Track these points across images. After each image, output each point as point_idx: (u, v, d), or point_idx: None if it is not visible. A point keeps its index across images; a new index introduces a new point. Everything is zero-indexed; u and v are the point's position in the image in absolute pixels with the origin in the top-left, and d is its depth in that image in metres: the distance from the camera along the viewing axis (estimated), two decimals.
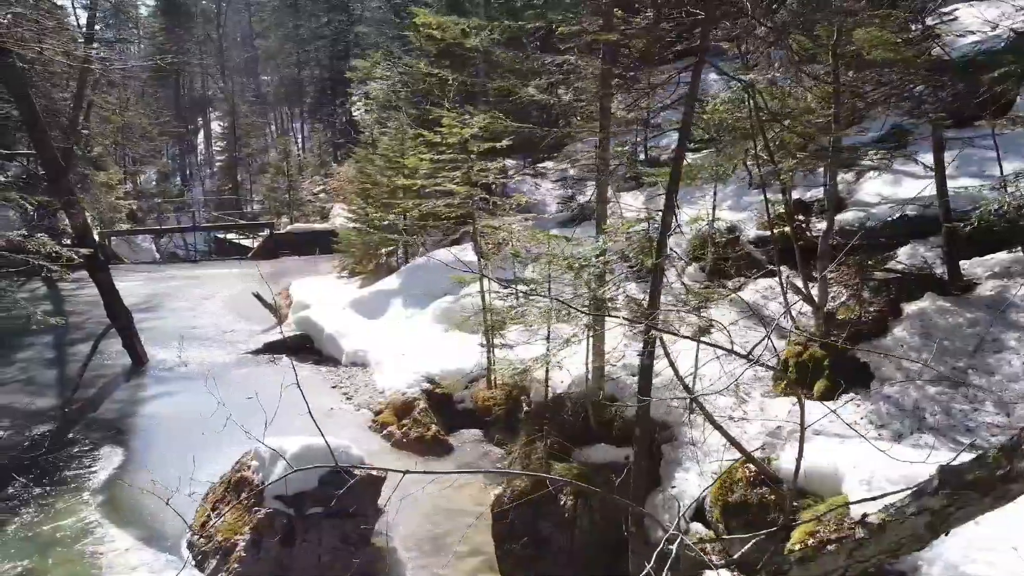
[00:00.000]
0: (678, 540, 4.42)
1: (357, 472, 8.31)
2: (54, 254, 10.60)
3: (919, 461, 3.90)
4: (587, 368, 8.58)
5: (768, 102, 7.33)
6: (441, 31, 8.75)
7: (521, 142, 13.06)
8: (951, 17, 8.93)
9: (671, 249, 6.75)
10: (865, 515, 4.21)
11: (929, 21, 8.34)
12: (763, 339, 3.96)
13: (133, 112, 35.56)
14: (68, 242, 14.65)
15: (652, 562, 3.99)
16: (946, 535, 3.97)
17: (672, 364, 6.50)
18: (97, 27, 24.95)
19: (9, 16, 12.94)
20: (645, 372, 5.90)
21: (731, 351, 3.67)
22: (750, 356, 3.70)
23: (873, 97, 8.63)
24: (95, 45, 21.89)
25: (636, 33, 6.13)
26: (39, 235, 10.74)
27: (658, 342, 5.90)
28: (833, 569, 4.33)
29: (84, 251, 11.80)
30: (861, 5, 7.03)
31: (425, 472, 5.22)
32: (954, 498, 3.68)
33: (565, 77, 8.45)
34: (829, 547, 4.34)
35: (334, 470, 8.30)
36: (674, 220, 5.75)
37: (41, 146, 13.33)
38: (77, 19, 28.78)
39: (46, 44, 13.47)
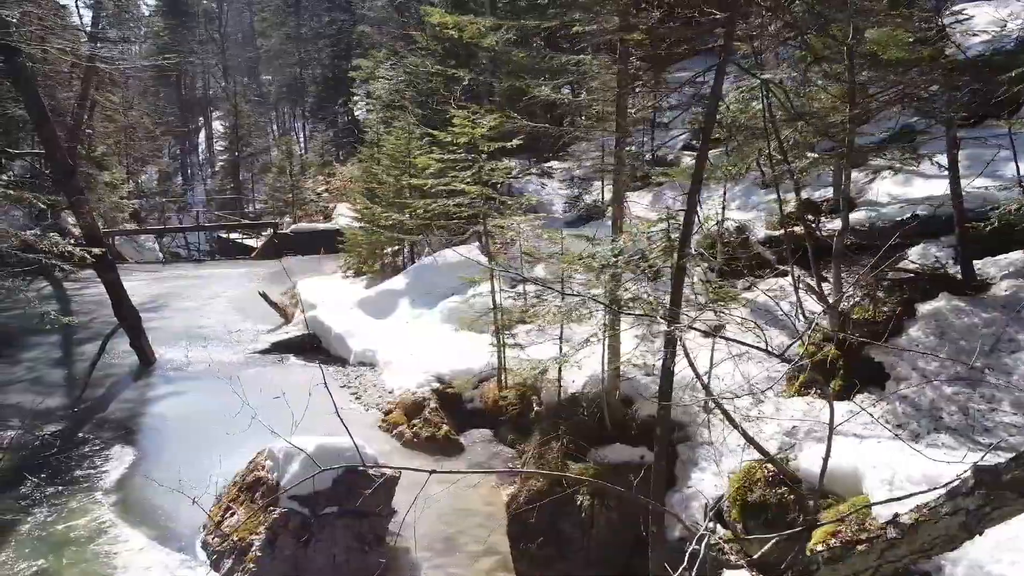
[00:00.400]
0: (706, 539, 4.42)
1: (383, 472, 8.32)
2: (66, 253, 10.60)
3: (956, 461, 3.87)
4: (603, 368, 8.58)
5: (792, 99, 7.31)
6: (458, 30, 8.74)
7: (527, 142, 13.04)
8: (967, 17, 8.93)
9: (699, 250, 6.75)
10: (897, 515, 4.20)
11: (946, 20, 8.33)
12: (797, 340, 3.94)
13: (137, 111, 35.52)
14: (71, 241, 14.62)
15: (685, 561, 3.99)
16: (980, 535, 3.98)
17: (692, 365, 6.50)
18: (100, 25, 24.90)
19: (18, 14, 12.91)
20: (667, 372, 5.89)
21: (767, 351, 3.66)
22: (786, 357, 3.68)
23: (888, 96, 8.62)
24: (98, 44, 21.85)
25: (662, 32, 6.12)
26: (51, 234, 10.75)
27: (679, 342, 5.88)
28: (863, 569, 4.33)
29: (96, 250, 11.78)
30: (882, 5, 7.03)
31: (451, 472, 5.27)
32: (990, 498, 3.67)
33: (581, 76, 8.44)
34: (860, 547, 4.33)
35: (348, 470, 8.33)
36: (696, 220, 5.75)
37: (50, 146, 13.29)
38: (80, 18, 28.75)
39: (55, 43, 13.44)
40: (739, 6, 5.58)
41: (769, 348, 3.75)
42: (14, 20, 12.84)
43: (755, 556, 5.63)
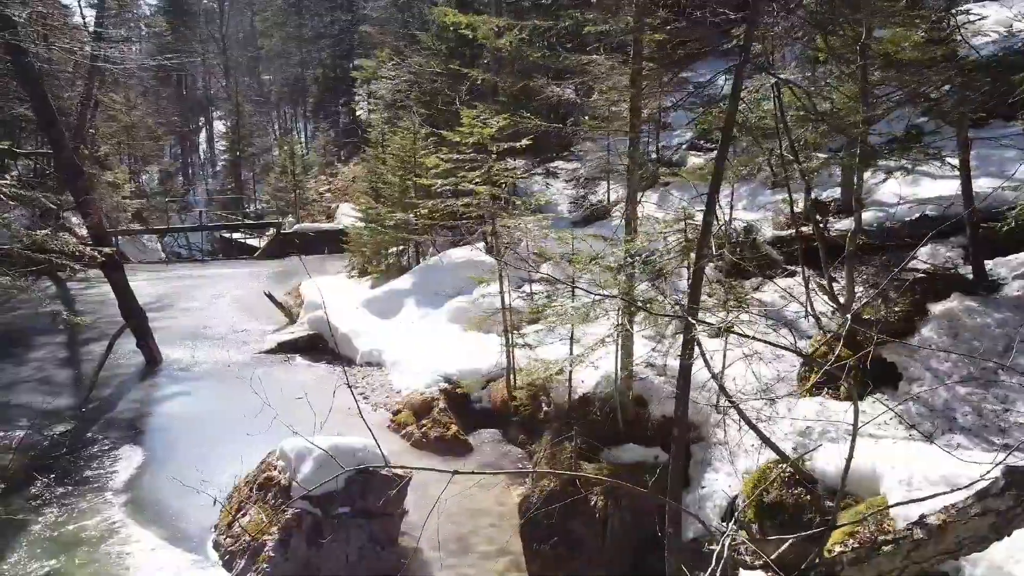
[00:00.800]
0: (728, 540, 4.41)
1: (395, 472, 8.32)
2: (77, 253, 10.60)
3: (986, 463, 3.87)
4: (616, 367, 8.57)
5: (812, 99, 7.30)
6: (471, 30, 8.74)
7: (531, 141, 13.05)
8: (979, 17, 8.93)
9: (719, 251, 6.75)
10: (923, 516, 4.21)
11: (960, 20, 8.34)
12: (826, 342, 3.92)
13: (140, 111, 35.50)
14: (74, 241, 14.59)
15: (713, 562, 3.99)
16: (1008, 536, 3.99)
17: (708, 365, 6.49)
18: (103, 25, 24.86)
19: (25, 14, 12.90)
20: (684, 371, 5.89)
21: (796, 351, 3.65)
22: (815, 360, 3.68)
23: (900, 96, 8.63)
24: (102, 44, 21.82)
25: (683, 32, 6.11)
26: (62, 234, 10.76)
27: (696, 342, 5.88)
28: (889, 570, 4.33)
29: (107, 250, 11.77)
30: (899, 5, 7.03)
31: (473, 472, 5.26)
32: (1021, 499, 3.69)
33: (594, 77, 8.44)
34: (885, 548, 4.34)
35: (360, 470, 8.32)
36: (715, 221, 5.75)
37: (58, 146, 13.27)
38: (83, 18, 28.69)
39: (61, 42, 13.42)
40: (760, 5, 5.57)
41: (799, 351, 3.74)
42: (21, 19, 12.82)
43: (772, 556, 5.63)
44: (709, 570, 3.92)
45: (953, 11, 8.49)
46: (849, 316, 3.80)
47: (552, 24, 8.03)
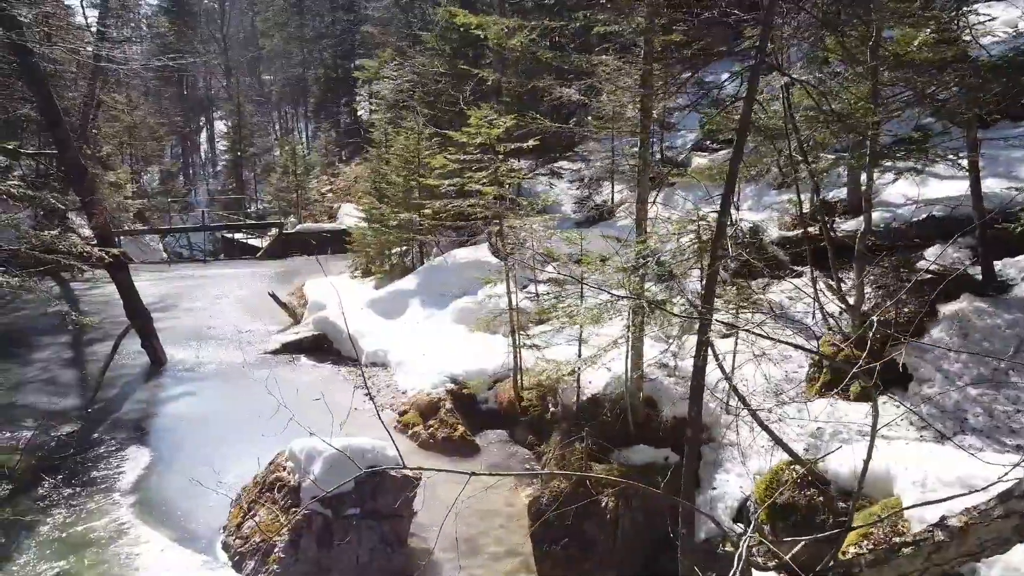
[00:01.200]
0: (745, 542, 4.40)
1: (404, 473, 8.30)
2: (85, 254, 10.57)
3: (1002, 464, 3.86)
4: (627, 368, 8.56)
5: (828, 100, 7.29)
6: (481, 30, 8.74)
7: (538, 142, 13.04)
8: (989, 18, 8.93)
9: (735, 252, 6.73)
10: (944, 517, 4.20)
11: (969, 20, 8.34)
12: (847, 344, 3.91)
13: (142, 111, 35.50)
14: (81, 241, 14.56)
15: (735, 564, 3.98)
16: None
17: (721, 366, 6.50)
18: (106, 24, 24.86)
19: (31, 15, 12.89)
20: (698, 373, 5.88)
21: (817, 353, 3.64)
22: (838, 361, 3.66)
23: (908, 97, 8.63)
24: (105, 44, 21.79)
25: (699, 33, 6.10)
26: (70, 235, 10.75)
27: (711, 343, 5.87)
28: (909, 572, 4.32)
29: (115, 251, 11.75)
30: (914, 6, 7.03)
31: (492, 473, 5.24)
32: None
33: (604, 78, 8.44)
34: (905, 549, 4.33)
35: (372, 472, 8.30)
36: (729, 222, 5.75)
37: (63, 146, 13.24)
38: (86, 18, 28.71)
39: (67, 41, 13.40)
40: (774, 6, 5.56)
41: (820, 353, 3.73)
42: (27, 20, 12.81)
43: (787, 557, 5.62)
44: (731, 573, 3.90)
45: (963, 11, 8.48)
46: (875, 319, 3.79)
47: (562, 25, 8.02)
